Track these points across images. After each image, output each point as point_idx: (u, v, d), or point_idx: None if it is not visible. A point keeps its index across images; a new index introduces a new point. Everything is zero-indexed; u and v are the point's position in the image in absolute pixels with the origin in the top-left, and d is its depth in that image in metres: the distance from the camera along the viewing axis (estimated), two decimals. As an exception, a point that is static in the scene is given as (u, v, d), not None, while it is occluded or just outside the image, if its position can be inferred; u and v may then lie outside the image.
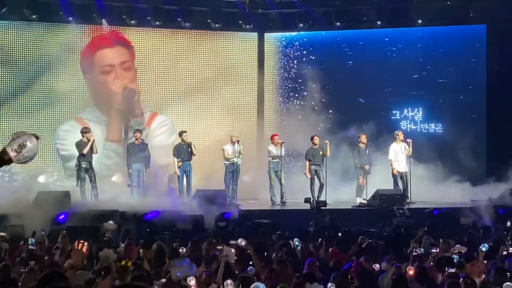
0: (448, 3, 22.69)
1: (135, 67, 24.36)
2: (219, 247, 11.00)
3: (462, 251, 11.40)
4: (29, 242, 12.35)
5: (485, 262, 11.02)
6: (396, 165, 20.68)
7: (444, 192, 20.54)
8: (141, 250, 11.87)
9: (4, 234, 13.01)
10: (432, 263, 10.80)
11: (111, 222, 14.26)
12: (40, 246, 12.55)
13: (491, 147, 22.65)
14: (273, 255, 11.91)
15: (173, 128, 23.85)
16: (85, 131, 19.95)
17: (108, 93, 24.18)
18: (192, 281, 9.10)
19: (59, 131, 23.66)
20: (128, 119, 24.23)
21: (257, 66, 24.43)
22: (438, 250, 11.57)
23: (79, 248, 7.13)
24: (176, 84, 24.20)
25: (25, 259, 10.93)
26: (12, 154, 6.14)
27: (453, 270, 9.90)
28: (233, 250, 10.38)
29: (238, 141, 20.44)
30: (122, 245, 12.22)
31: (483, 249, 11.28)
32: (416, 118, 23.67)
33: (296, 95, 24.13)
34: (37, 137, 6.21)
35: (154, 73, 24.28)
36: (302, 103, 23.99)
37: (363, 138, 20.90)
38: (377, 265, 10.91)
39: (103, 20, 22.99)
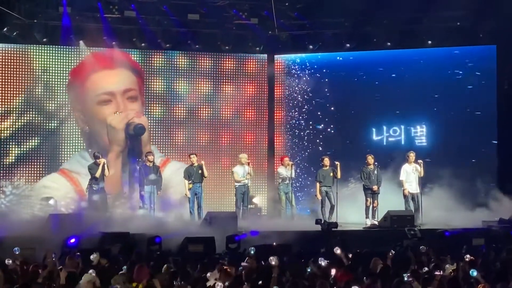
0: (458, 24, 22.69)
1: (143, 97, 21.64)
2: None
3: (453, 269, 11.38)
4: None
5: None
6: (408, 186, 20.61)
7: (456, 213, 20.45)
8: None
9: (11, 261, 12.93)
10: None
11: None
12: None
13: (502, 167, 22.53)
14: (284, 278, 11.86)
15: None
16: (97, 155, 19.83)
17: (107, 131, 20.86)
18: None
19: (38, 187, 20.80)
20: (133, 167, 20.79)
21: (267, 88, 24.40)
22: (442, 272, 11.52)
23: None
24: (186, 111, 22.98)
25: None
26: None
27: None
28: None
29: (248, 163, 20.41)
30: (125, 268, 12.13)
31: (474, 274, 10.96)
32: (425, 139, 23.58)
33: (306, 116, 24.11)
34: None
35: (162, 103, 22.37)
36: (312, 124, 23.98)
37: (370, 159, 20.72)
38: None
39: (113, 42, 21.92)
